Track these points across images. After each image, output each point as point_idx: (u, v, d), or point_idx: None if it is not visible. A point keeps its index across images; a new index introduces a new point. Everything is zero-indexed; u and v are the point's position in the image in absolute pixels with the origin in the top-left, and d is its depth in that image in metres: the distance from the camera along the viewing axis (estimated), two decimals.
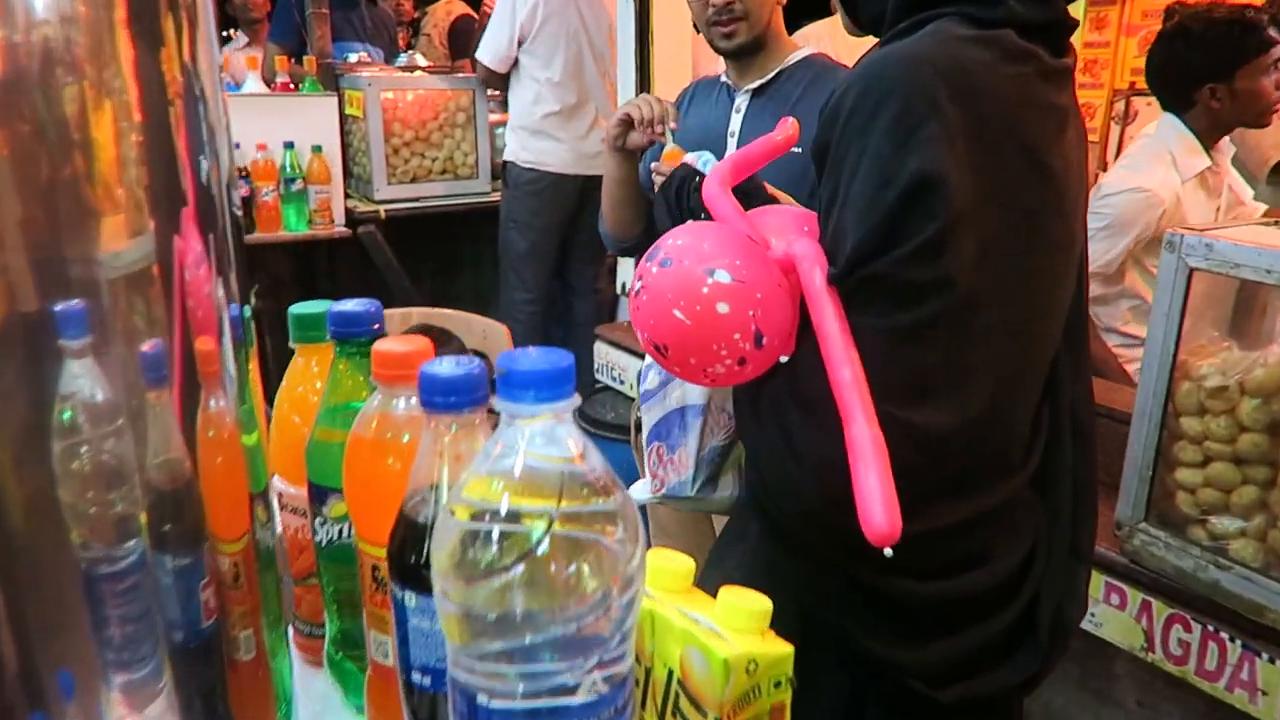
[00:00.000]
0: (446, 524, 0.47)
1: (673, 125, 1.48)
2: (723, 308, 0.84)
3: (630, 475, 1.22)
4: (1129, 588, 1.57)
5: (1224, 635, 1.47)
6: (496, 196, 3.61)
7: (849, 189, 0.83)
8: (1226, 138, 2.18)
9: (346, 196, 3.50)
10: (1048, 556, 0.99)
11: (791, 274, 0.88)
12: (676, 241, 0.89)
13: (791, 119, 1.11)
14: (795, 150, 1.51)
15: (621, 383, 3.09)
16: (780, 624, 0.65)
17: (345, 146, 3.58)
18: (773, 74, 1.60)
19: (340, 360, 0.71)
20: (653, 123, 1.48)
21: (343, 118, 3.54)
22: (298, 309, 0.77)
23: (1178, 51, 2.13)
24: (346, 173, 3.59)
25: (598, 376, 3.21)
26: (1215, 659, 1.49)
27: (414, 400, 0.62)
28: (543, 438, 0.46)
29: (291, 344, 0.78)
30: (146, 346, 0.56)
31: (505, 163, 3.35)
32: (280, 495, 0.78)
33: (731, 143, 1.61)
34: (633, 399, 3.06)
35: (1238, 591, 1.44)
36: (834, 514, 0.86)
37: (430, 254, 3.85)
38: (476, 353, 2.36)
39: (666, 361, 0.90)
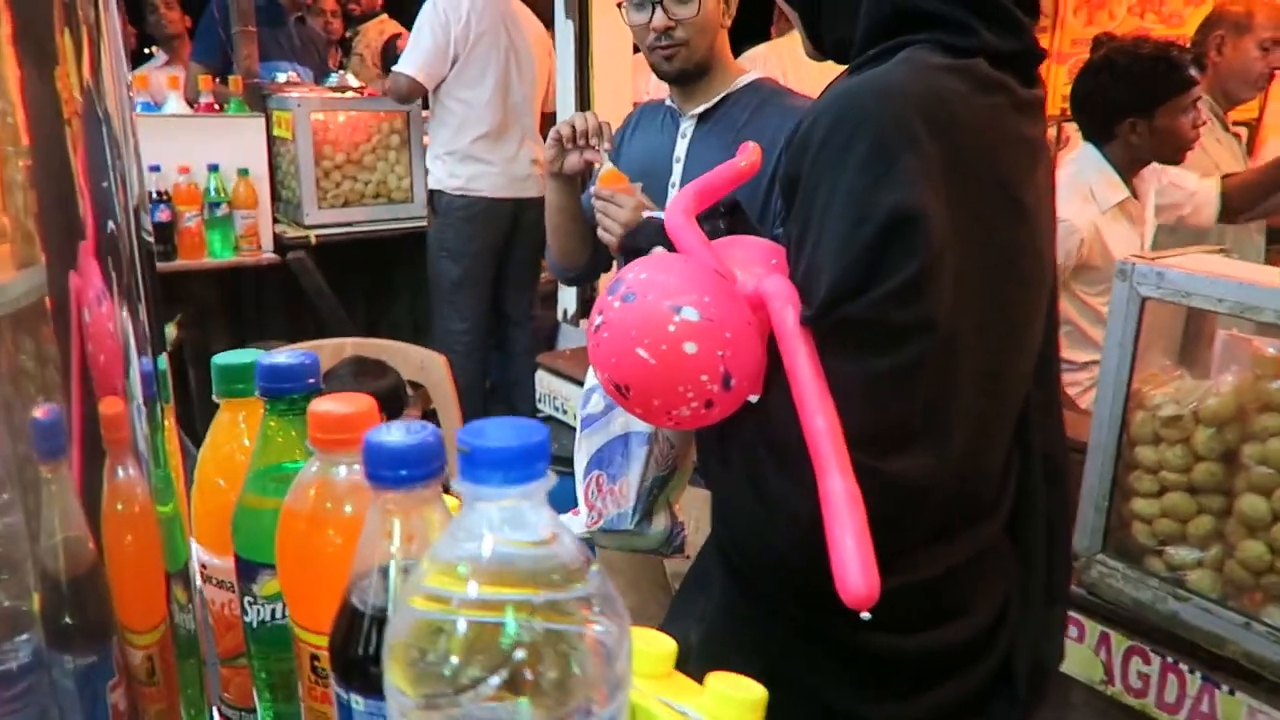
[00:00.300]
0: (403, 615, 0.41)
1: (606, 146, 1.46)
2: (690, 347, 0.81)
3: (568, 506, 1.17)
4: (1087, 620, 1.56)
5: (1183, 667, 1.46)
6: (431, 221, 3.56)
7: (822, 225, 0.80)
8: (1149, 168, 2.22)
9: (275, 221, 3.42)
10: (1023, 603, 0.97)
11: (760, 311, 0.85)
12: (640, 275, 0.85)
13: (753, 144, 1.08)
14: None
15: (564, 412, 3.03)
16: None
17: (273, 169, 3.50)
18: (719, 98, 1.58)
19: (271, 418, 0.64)
20: (587, 135, 1.46)
21: (270, 140, 3.46)
22: (222, 359, 0.70)
23: (1102, 84, 2.17)
24: (275, 197, 3.51)
25: (539, 406, 3.16)
26: (1175, 691, 1.48)
27: (356, 467, 0.56)
28: (511, 522, 0.39)
29: (215, 398, 0.71)
30: (40, 412, 0.49)
31: (432, 192, 3.31)
32: (203, 567, 0.70)
33: (677, 168, 1.59)
34: (574, 428, 3.01)
35: (1196, 623, 1.44)
36: (807, 571, 0.82)
37: (364, 281, 3.79)
38: (413, 384, 2.27)
39: (628, 402, 0.86)
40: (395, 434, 0.48)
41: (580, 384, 2.98)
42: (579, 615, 0.39)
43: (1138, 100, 2.11)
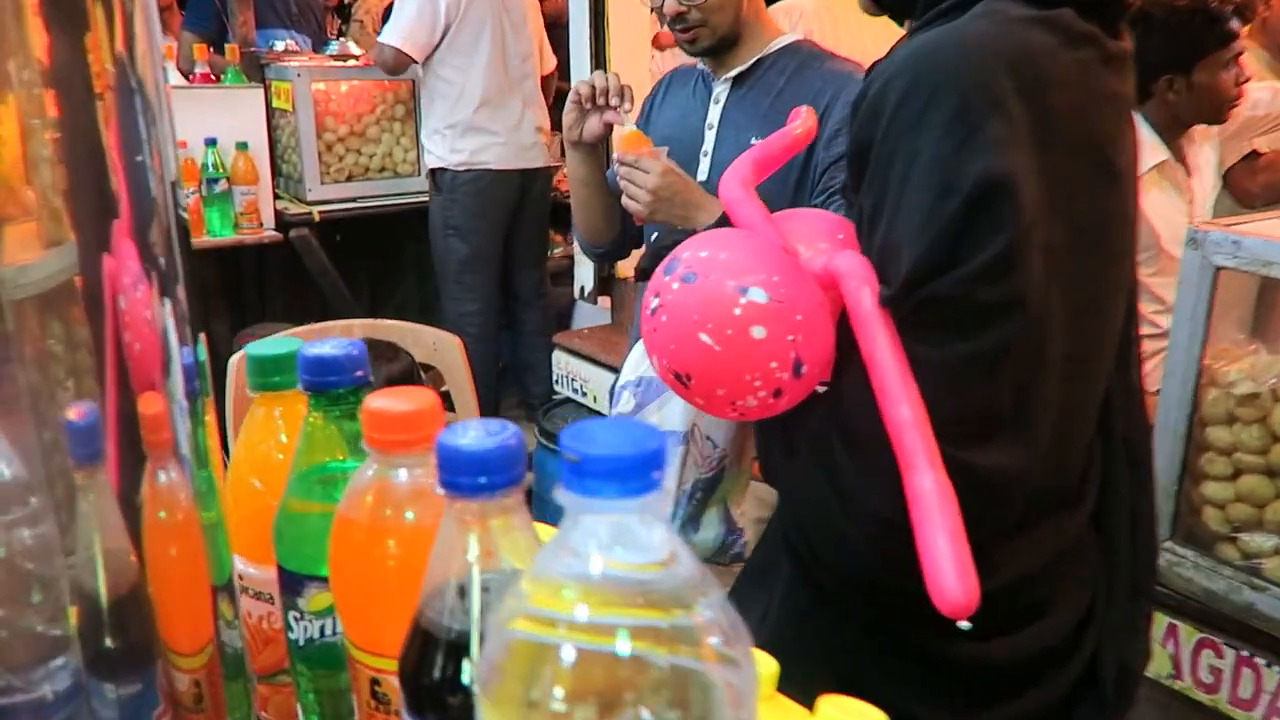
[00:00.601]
0: (499, 639, 0.38)
1: (627, 107, 1.43)
2: (758, 332, 0.79)
3: None
4: (1154, 610, 1.52)
5: (1260, 661, 1.43)
6: None
7: (901, 197, 0.78)
8: (1199, 130, 2.16)
9: (276, 198, 3.38)
10: (1108, 600, 0.95)
11: (830, 291, 0.82)
12: (699, 253, 0.83)
13: (806, 108, 1.04)
14: (754, 141, 1.46)
15: (584, 395, 3.02)
16: (814, 693, 0.59)
17: (273, 143, 3.46)
18: (753, 61, 1.54)
19: (315, 414, 0.61)
20: (606, 95, 1.44)
21: (270, 112, 3.41)
22: (258, 350, 0.67)
23: (1136, 38, 2.10)
24: (275, 172, 3.48)
25: (557, 388, 3.15)
26: (1250, 686, 1.45)
27: (419, 471, 0.53)
28: (624, 541, 0.36)
29: (250, 391, 0.68)
30: (74, 412, 0.47)
31: (433, 171, 3.26)
32: (239, 577, 0.67)
33: (710, 135, 1.55)
34: (595, 410, 3.00)
35: (1274, 614, 1.40)
36: (886, 571, 0.80)
37: (369, 259, 3.76)
38: (423, 367, 2.25)
39: (688, 392, 0.84)
40: (473, 436, 0.45)
41: (600, 364, 2.97)
42: (702, 647, 0.35)
43: (1174, 56, 2.05)
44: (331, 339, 0.62)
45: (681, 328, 0.81)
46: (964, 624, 0.70)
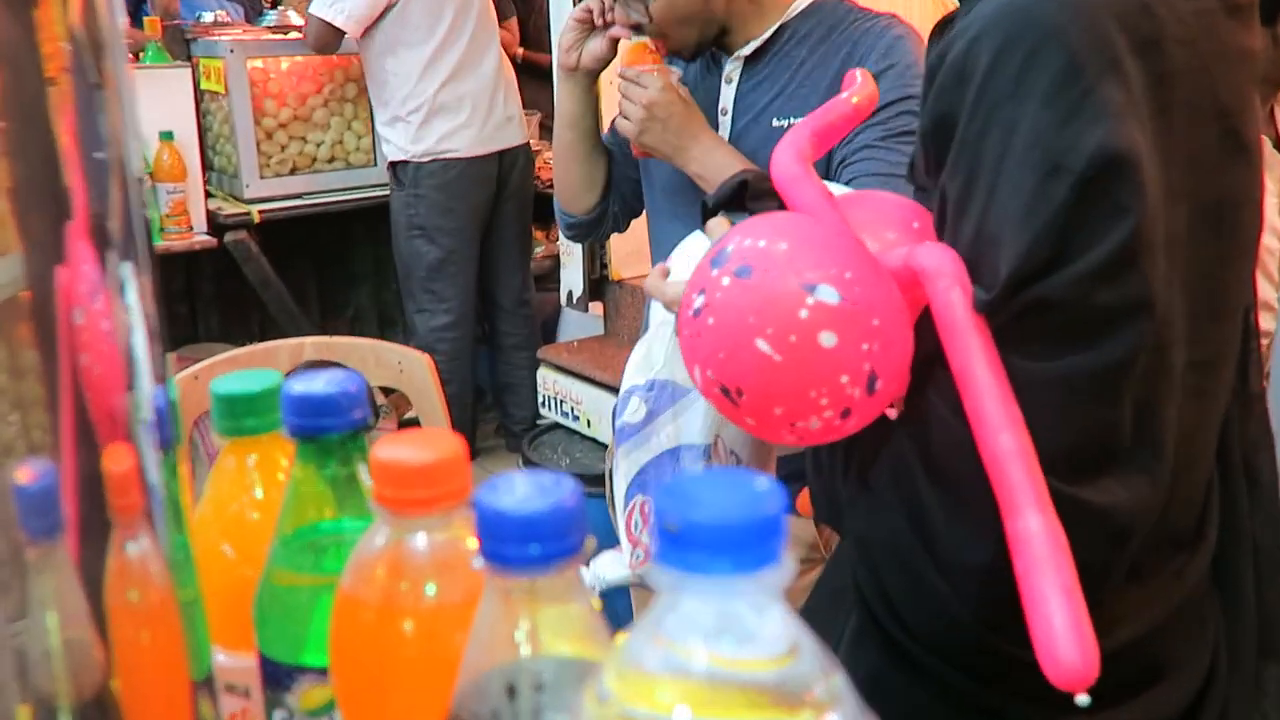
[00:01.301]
0: None
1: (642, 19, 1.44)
2: (827, 339, 0.77)
3: (603, 539, 1.14)
4: None
5: None
6: None
7: (997, 178, 0.76)
8: None
9: (208, 196, 3.38)
10: (1232, 660, 0.93)
11: (911, 291, 0.81)
12: (756, 242, 0.81)
13: (863, 70, 1.03)
14: (778, 124, 1.45)
15: (575, 418, 3.00)
16: None
17: (203, 131, 3.46)
18: (770, 31, 1.52)
19: (303, 465, 0.59)
20: (604, 9, 1.47)
21: (198, 95, 3.41)
22: (226, 386, 0.66)
23: None
24: (206, 166, 3.46)
25: (543, 411, 3.13)
26: None
27: (441, 535, 0.51)
28: (735, 630, 0.34)
29: (218, 436, 0.66)
30: (24, 476, 0.45)
31: (394, 165, 3.24)
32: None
33: (724, 121, 1.54)
34: (588, 438, 2.98)
35: None
36: (988, 637, 0.79)
37: (319, 266, 3.76)
38: (385, 390, 2.22)
39: (737, 410, 0.83)
40: (521, 494, 0.42)
41: (593, 382, 2.95)
42: None
43: (1262, 4, 2.04)
44: (324, 372, 0.60)
45: (734, 333, 0.79)
46: (1082, 698, 0.68)
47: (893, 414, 0.86)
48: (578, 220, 1.69)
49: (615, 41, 1.48)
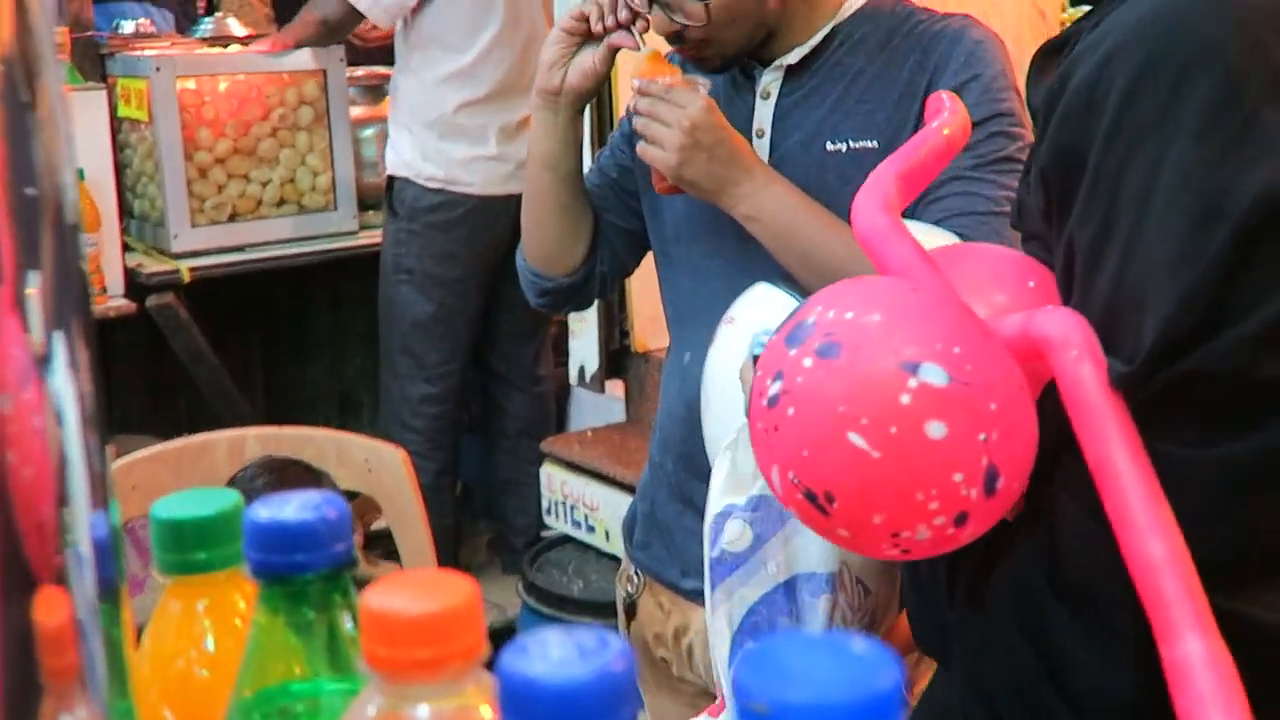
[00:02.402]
0: None
1: (641, 26, 1.48)
2: (936, 429, 0.81)
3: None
4: None
5: None
6: (366, 237, 3.57)
7: (1136, 226, 0.80)
8: None
9: (126, 250, 3.41)
10: None
11: (1031, 366, 0.84)
12: (842, 313, 0.86)
13: (950, 95, 1.06)
14: (833, 148, 1.48)
15: (589, 528, 3.00)
16: None
17: (121, 169, 3.50)
18: (819, 37, 1.55)
19: (268, 611, 0.60)
20: (616, 7, 1.49)
21: (115, 124, 3.46)
22: (169, 510, 0.67)
23: None
24: (125, 211, 3.50)
25: (548, 520, 3.14)
26: None
27: (449, 705, 0.51)
28: None
29: (159, 574, 0.67)
30: None
31: (392, 180, 3.30)
32: None
33: (760, 145, 1.56)
34: (606, 554, 2.97)
35: None
36: None
37: (264, 335, 3.79)
38: (349, 494, 2.23)
39: (826, 520, 0.86)
40: (556, 658, 0.43)
41: (612, 482, 2.95)
42: None
43: None
44: (297, 496, 0.61)
45: (820, 425, 0.82)
46: None
47: (1011, 516, 0.88)
48: (555, 285, 1.70)
49: (614, 53, 1.51)
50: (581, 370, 3.25)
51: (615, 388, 3.26)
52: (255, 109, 3.54)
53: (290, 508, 0.60)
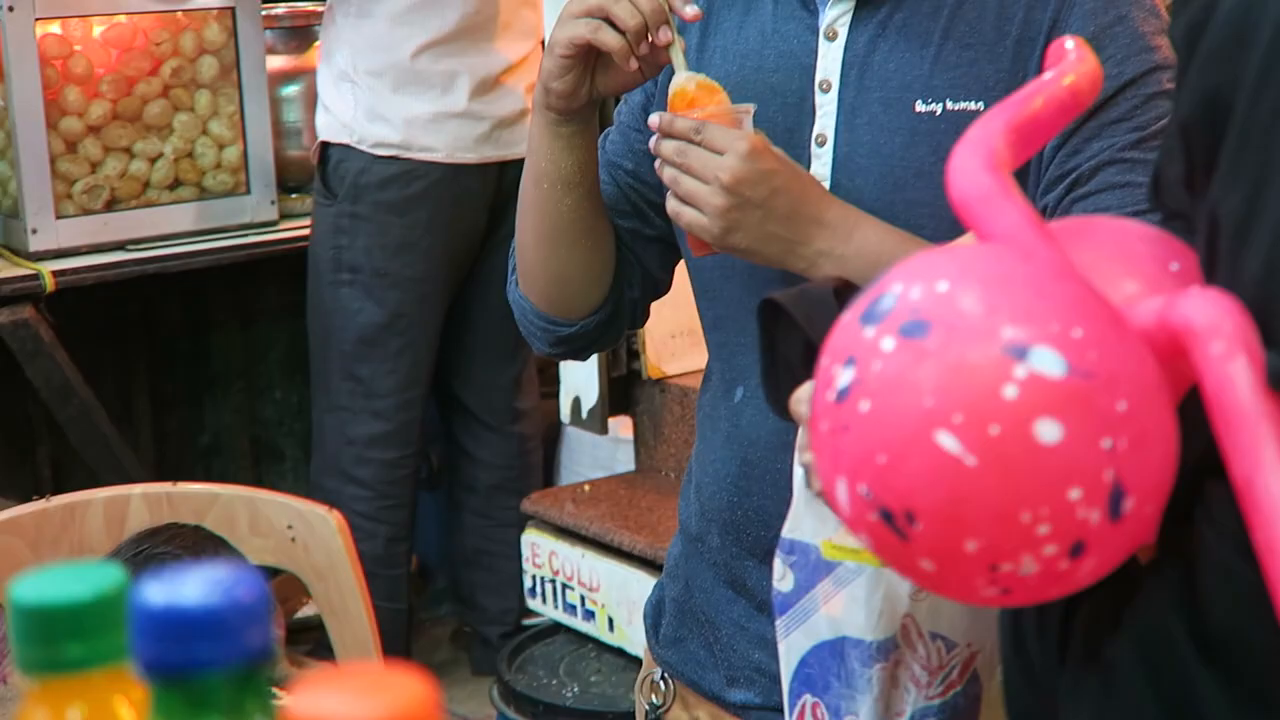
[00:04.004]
0: None
1: (691, 11, 1.49)
2: (1049, 431, 0.82)
3: None
4: None
5: None
6: (290, 229, 3.60)
7: None
8: None
9: None
10: None
11: (1173, 364, 0.86)
12: (933, 285, 0.88)
13: (1075, 39, 1.08)
14: (925, 109, 1.49)
15: (587, 614, 3.01)
16: None
17: None
18: None
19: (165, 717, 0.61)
20: (647, 31, 1.48)
21: None
22: (30, 594, 0.67)
23: None
24: None
25: (532, 604, 3.14)
26: None
27: None
28: None
29: (22, 671, 0.68)
30: None
31: (326, 148, 3.33)
32: None
33: (825, 102, 1.58)
34: (612, 648, 2.98)
35: None
36: None
37: (152, 362, 3.81)
38: (268, 571, 2.25)
39: (906, 547, 0.87)
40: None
41: (618, 553, 2.96)
42: None
43: None
44: (200, 571, 0.62)
45: (902, 424, 0.84)
46: None
47: (1143, 556, 0.90)
48: (577, 329, 1.71)
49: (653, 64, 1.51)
50: (576, 403, 3.26)
51: (622, 426, 3.27)
52: (142, 61, 3.56)
53: (190, 587, 0.61)
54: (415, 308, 3.32)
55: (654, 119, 1.46)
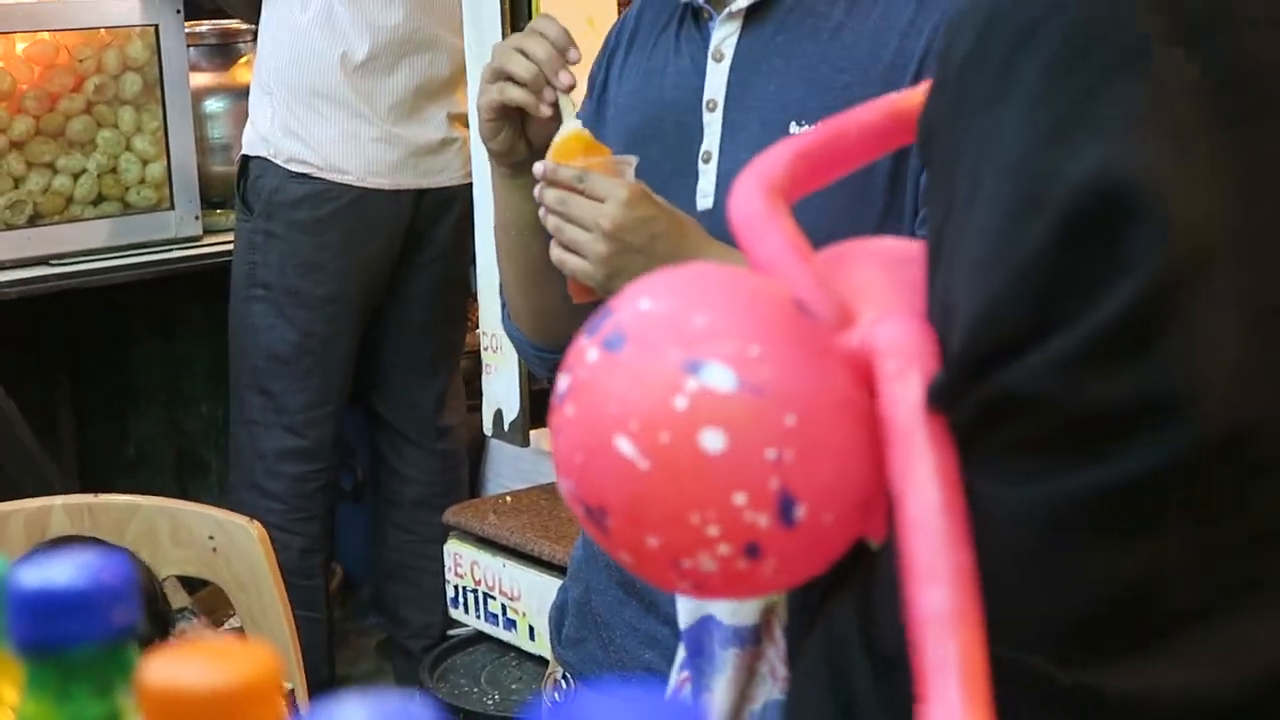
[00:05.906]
0: None
1: (574, 58, 1.54)
2: (713, 440, 0.84)
3: None
4: None
5: None
6: (214, 243, 3.60)
7: (965, 215, 0.84)
8: None
9: None
10: None
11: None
12: (640, 302, 0.91)
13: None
14: (799, 131, 1.53)
15: (508, 624, 2.99)
16: None
17: None
18: None
19: (38, 697, 0.64)
20: (545, 80, 1.53)
21: None
22: None
23: None
24: None
25: (454, 614, 3.12)
26: None
27: None
28: None
29: None
30: None
31: (246, 162, 3.32)
32: None
33: (711, 119, 1.62)
34: (532, 656, 2.97)
35: None
36: None
37: (75, 375, 3.79)
38: (190, 584, 2.27)
39: (607, 539, 0.91)
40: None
41: (540, 563, 2.96)
42: None
43: None
44: (65, 555, 0.64)
45: (593, 428, 0.87)
46: None
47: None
48: (559, 355, 1.71)
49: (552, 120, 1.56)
50: (499, 416, 3.22)
51: (544, 439, 3.25)
52: (65, 77, 3.58)
53: (60, 569, 0.63)
54: (325, 327, 3.32)
55: (538, 167, 1.50)
